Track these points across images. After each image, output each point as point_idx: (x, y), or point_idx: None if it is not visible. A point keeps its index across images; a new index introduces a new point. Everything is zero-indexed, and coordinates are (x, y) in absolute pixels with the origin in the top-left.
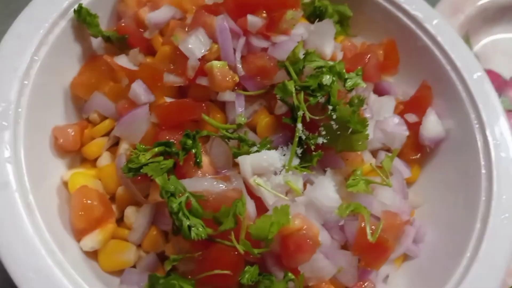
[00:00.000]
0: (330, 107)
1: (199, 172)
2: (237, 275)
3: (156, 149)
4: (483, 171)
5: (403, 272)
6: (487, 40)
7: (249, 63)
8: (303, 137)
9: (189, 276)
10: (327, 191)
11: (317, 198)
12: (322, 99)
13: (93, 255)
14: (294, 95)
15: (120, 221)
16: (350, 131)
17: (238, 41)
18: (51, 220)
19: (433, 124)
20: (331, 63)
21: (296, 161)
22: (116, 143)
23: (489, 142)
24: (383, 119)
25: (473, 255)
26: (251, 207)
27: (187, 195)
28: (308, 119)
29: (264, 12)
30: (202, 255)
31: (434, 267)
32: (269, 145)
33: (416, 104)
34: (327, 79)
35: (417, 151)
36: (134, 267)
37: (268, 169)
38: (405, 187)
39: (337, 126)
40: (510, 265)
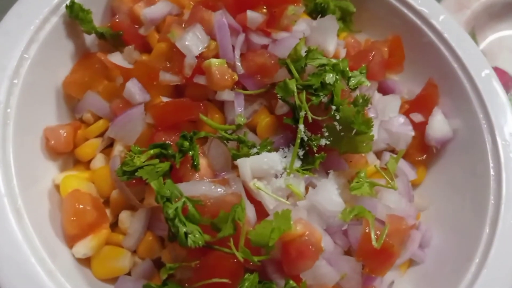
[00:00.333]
0: (333, 107)
1: (197, 175)
2: (236, 283)
3: (151, 151)
4: (492, 172)
5: (409, 278)
6: (493, 36)
7: (249, 61)
8: (305, 138)
9: (186, 284)
10: (330, 195)
11: (319, 202)
12: (325, 99)
13: (86, 262)
14: (295, 94)
15: (114, 226)
16: (354, 132)
17: (237, 38)
18: (42, 226)
19: (440, 123)
20: (334, 60)
21: (297, 164)
22: (110, 145)
23: (498, 142)
24: (388, 119)
25: (482, 260)
26: (250, 212)
27: (184, 200)
28: (310, 120)
29: (264, 7)
30: (199, 263)
31: (441, 273)
32: (269, 147)
33: (422, 103)
34: (330, 77)
35: (423, 152)
36: (129, 274)
37: (268, 172)
38: (411, 190)
39: (340, 127)
40: None
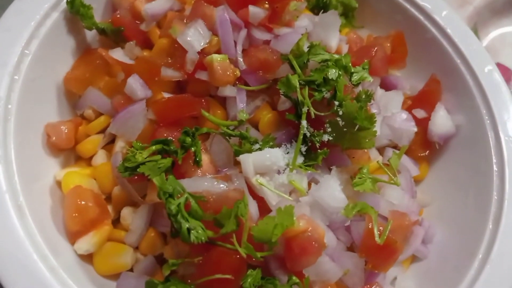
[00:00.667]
0: (336, 103)
1: (199, 171)
2: (239, 279)
3: (153, 147)
4: (495, 168)
5: (412, 274)
6: (496, 33)
7: (251, 57)
8: (308, 134)
9: (189, 280)
10: (332, 191)
11: (322, 198)
12: (327, 94)
13: (88, 258)
14: (298, 90)
15: (116, 222)
16: (357, 127)
17: (239, 34)
18: (44, 222)
19: (443, 119)
20: (337, 56)
21: (300, 159)
22: (112, 141)
23: (501, 138)
24: (390, 114)
25: (485, 256)
26: (253, 208)
27: (186, 196)
28: (313, 116)
29: (266, 3)
30: (202, 259)
31: (444, 269)
32: (272, 143)
33: (424, 99)
34: (333, 73)
35: (426, 148)
36: (131, 270)
37: (271, 168)
38: (413, 186)
39: (343, 122)
40: None
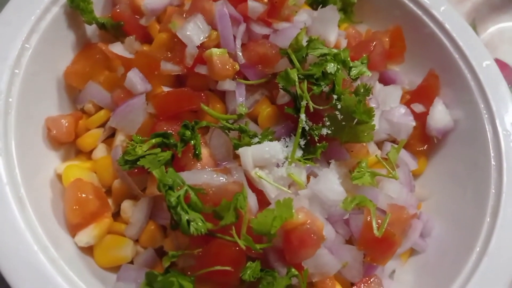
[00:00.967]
0: (334, 97)
1: (198, 164)
2: (238, 271)
3: (153, 141)
4: (493, 162)
5: (410, 267)
6: (494, 28)
7: (250, 51)
8: (307, 128)
9: (189, 272)
10: (331, 184)
11: (321, 191)
12: (326, 88)
13: (88, 250)
14: (297, 84)
15: (116, 215)
16: (355, 121)
17: (238, 28)
18: (44, 214)
19: (441, 114)
20: (336, 50)
21: (299, 153)
22: (112, 135)
23: (499, 132)
24: (389, 109)
25: (483, 249)
26: (252, 200)
27: (186, 188)
28: (311, 109)
29: None
30: (202, 251)
31: (442, 262)
32: (271, 136)
33: (423, 93)
34: (331, 67)
35: (424, 142)
36: (131, 262)
37: (270, 161)
38: (412, 180)
39: (342, 116)
40: None
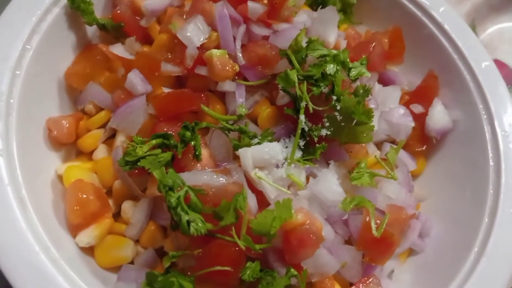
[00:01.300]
0: (334, 98)
1: (198, 165)
2: (238, 271)
3: (153, 142)
4: (491, 163)
5: (409, 267)
6: (493, 29)
7: (250, 52)
8: (306, 129)
9: (189, 272)
10: (330, 185)
11: (320, 191)
12: (325, 89)
13: (89, 251)
14: (296, 85)
15: (117, 215)
16: (354, 122)
17: (238, 29)
18: (45, 215)
19: (440, 114)
20: (335, 51)
21: (298, 154)
22: (112, 135)
23: (498, 133)
24: (388, 109)
25: (481, 250)
26: (252, 201)
27: (186, 189)
28: (311, 110)
29: None
30: (202, 251)
31: (440, 262)
32: (270, 137)
33: (422, 94)
34: (331, 68)
35: (423, 142)
36: (131, 263)
37: (269, 162)
38: (411, 180)
39: (341, 117)
40: None
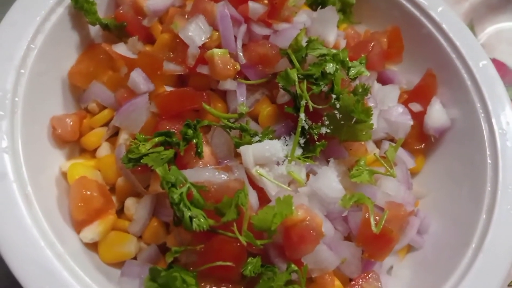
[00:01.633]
0: (333, 96)
1: (200, 162)
2: (239, 266)
3: (156, 139)
4: (489, 161)
5: (407, 263)
6: (492, 28)
7: (251, 51)
8: (306, 127)
9: (191, 267)
10: (330, 182)
11: (320, 188)
12: (325, 88)
13: (93, 246)
14: (296, 83)
15: (120, 212)
16: (354, 120)
17: (239, 29)
18: (50, 211)
19: (438, 113)
20: (335, 51)
21: (299, 151)
22: (115, 133)
23: (495, 131)
24: (387, 108)
25: (478, 246)
26: (253, 198)
27: (188, 185)
28: (311, 108)
29: None
30: (204, 247)
31: (438, 258)
32: (271, 135)
33: (420, 93)
34: (330, 67)
35: (422, 141)
36: (135, 258)
37: (270, 159)
38: (409, 178)
39: (340, 115)
40: None
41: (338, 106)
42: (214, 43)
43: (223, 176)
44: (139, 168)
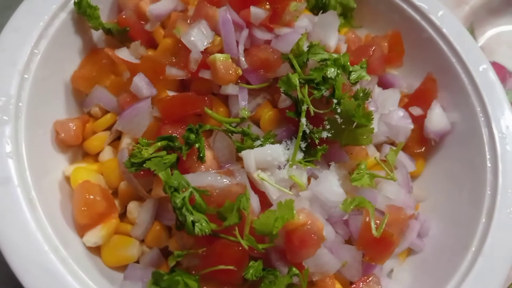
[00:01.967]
0: (334, 101)
1: (203, 166)
2: (241, 270)
3: (159, 144)
4: (489, 164)
5: (408, 266)
6: (492, 32)
7: (252, 56)
8: (307, 131)
9: (193, 271)
10: (331, 186)
11: (321, 192)
12: (326, 93)
13: (96, 250)
14: (298, 88)
15: (123, 216)
16: (355, 125)
17: (241, 34)
18: (54, 215)
19: (438, 117)
20: (336, 55)
21: (300, 155)
22: (118, 138)
23: (495, 135)
24: (387, 112)
25: (478, 249)
26: (255, 202)
27: (191, 190)
28: (312, 113)
29: (267, 3)
30: (206, 251)
31: (438, 262)
32: (272, 139)
33: (421, 97)
34: (331, 72)
35: (422, 144)
36: (137, 262)
37: (272, 163)
38: (410, 181)
39: (341, 120)
40: None
41: (339, 110)
42: (216, 48)
43: (225, 180)
44: (142, 172)
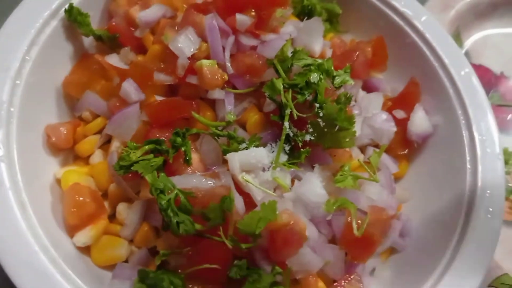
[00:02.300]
0: (317, 105)
1: (189, 169)
2: (226, 269)
3: (146, 147)
4: (468, 166)
5: (390, 264)
6: (478, 35)
7: (238, 62)
8: (291, 134)
9: (180, 270)
10: (314, 187)
11: (304, 194)
12: (309, 97)
13: (86, 250)
14: (282, 93)
15: (112, 217)
16: (337, 128)
17: (227, 40)
18: (45, 217)
19: (421, 120)
20: (319, 61)
21: (284, 158)
22: (108, 141)
23: (475, 137)
24: (371, 115)
25: (457, 248)
26: (239, 203)
27: (176, 192)
28: (295, 117)
29: (253, 10)
30: (191, 250)
31: (419, 260)
32: (258, 142)
33: (404, 100)
34: (314, 77)
35: (405, 146)
36: (126, 261)
37: (256, 165)
38: (393, 182)
39: (324, 123)
40: (498, 257)
41: (321, 114)
42: (203, 54)
43: (210, 182)
44: (130, 174)
